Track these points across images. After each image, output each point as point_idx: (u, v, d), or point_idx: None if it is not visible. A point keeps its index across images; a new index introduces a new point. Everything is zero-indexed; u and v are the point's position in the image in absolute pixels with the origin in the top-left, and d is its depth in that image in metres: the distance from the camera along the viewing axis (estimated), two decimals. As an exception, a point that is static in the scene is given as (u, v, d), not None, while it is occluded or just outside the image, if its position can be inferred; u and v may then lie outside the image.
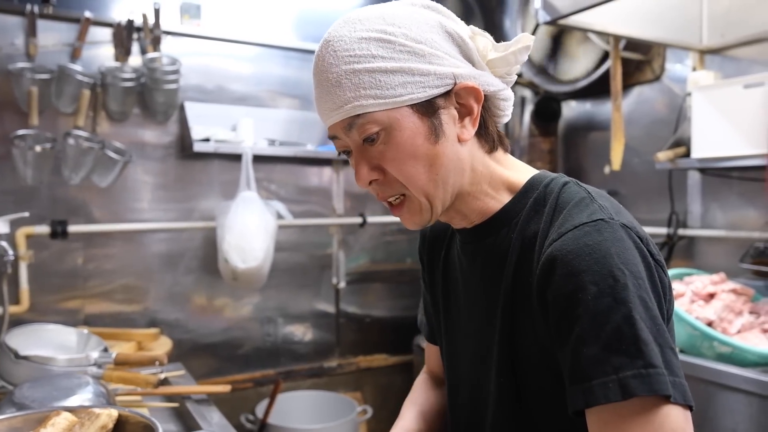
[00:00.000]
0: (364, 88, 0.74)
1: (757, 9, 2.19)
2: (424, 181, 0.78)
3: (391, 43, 0.75)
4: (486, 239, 0.85)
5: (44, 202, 2.27)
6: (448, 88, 0.77)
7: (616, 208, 0.77)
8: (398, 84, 0.74)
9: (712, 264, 2.32)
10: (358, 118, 0.76)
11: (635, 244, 0.71)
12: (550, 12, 1.92)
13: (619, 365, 0.64)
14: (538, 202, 0.81)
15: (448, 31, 0.78)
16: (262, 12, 2.69)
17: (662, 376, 0.63)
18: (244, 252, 2.35)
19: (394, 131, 0.76)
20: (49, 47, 2.24)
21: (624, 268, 0.67)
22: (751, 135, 1.96)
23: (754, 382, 1.61)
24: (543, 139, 3.00)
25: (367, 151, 0.78)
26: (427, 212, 0.81)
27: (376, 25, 0.76)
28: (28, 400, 1.13)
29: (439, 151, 0.77)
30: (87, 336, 1.63)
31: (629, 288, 0.66)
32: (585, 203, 0.76)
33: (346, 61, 0.75)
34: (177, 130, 2.51)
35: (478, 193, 0.83)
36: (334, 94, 0.76)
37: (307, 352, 2.85)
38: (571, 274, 0.69)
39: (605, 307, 0.66)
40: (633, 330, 0.65)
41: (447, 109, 0.78)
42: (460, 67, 0.78)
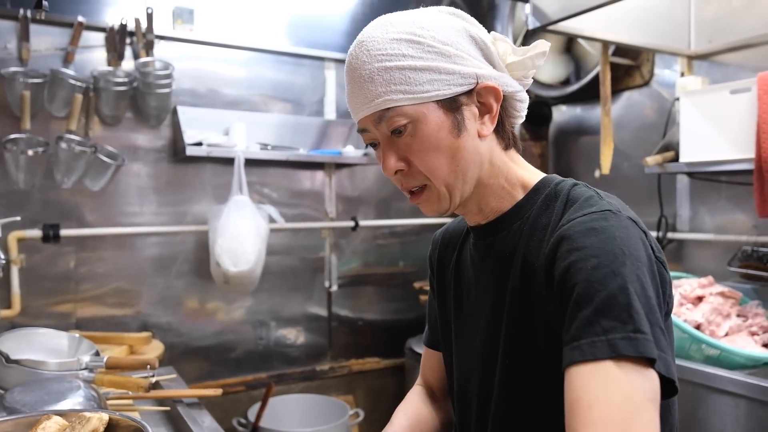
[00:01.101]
0: (395, 84, 0.80)
1: (744, 15, 2.22)
2: (445, 172, 0.84)
3: (420, 44, 0.81)
4: (499, 234, 0.90)
5: (36, 206, 2.27)
6: (470, 87, 0.83)
7: (623, 206, 0.82)
8: (426, 81, 0.81)
9: (701, 267, 2.35)
10: (387, 111, 0.82)
11: (639, 236, 0.75)
12: (540, 18, 1.94)
13: (609, 328, 0.67)
14: (550, 199, 0.87)
15: (472, 36, 0.85)
16: (255, 17, 2.70)
17: (650, 341, 0.66)
18: (236, 255, 2.36)
19: (420, 124, 0.82)
20: (42, 51, 2.25)
21: (626, 249, 0.72)
22: (739, 140, 1.98)
23: (741, 384, 1.63)
24: (534, 143, 3.02)
25: (394, 143, 0.84)
26: (445, 201, 0.87)
27: (406, 28, 0.83)
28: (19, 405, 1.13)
29: (461, 144, 0.83)
30: (78, 340, 1.62)
31: (627, 265, 0.70)
32: (594, 200, 0.81)
33: (379, 59, 0.81)
34: (169, 134, 2.51)
35: (495, 187, 0.89)
36: (366, 89, 0.82)
37: (299, 355, 2.85)
38: (575, 249, 0.74)
39: (602, 276, 0.70)
40: (626, 299, 0.68)
41: (469, 106, 0.84)
42: (482, 68, 0.84)
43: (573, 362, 0.68)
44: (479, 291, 0.94)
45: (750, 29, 2.20)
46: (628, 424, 0.63)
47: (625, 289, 0.68)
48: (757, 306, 1.98)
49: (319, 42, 2.84)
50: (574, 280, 0.72)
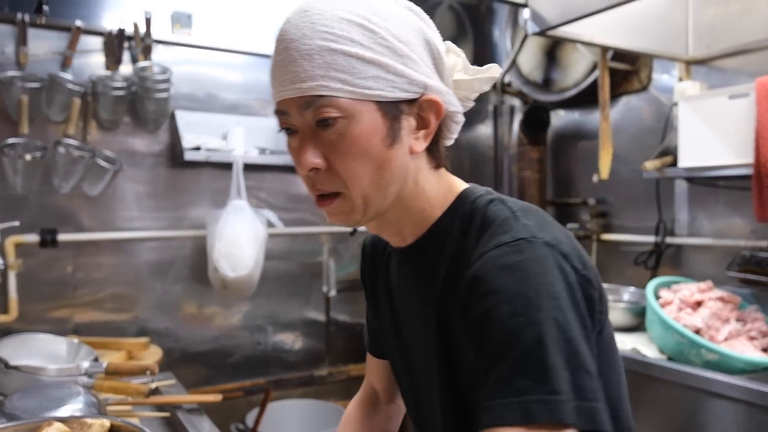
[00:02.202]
0: (336, 70, 0.70)
1: (742, 21, 2.23)
2: (366, 182, 0.74)
3: (373, 33, 0.71)
4: (418, 260, 0.84)
5: (34, 210, 2.26)
6: (415, 96, 0.75)
7: (541, 224, 0.73)
8: (371, 76, 0.71)
9: (699, 272, 2.35)
10: (319, 98, 0.71)
11: (557, 262, 0.68)
12: (539, 23, 1.94)
13: (523, 388, 0.61)
14: (465, 221, 0.79)
15: (428, 40, 0.77)
16: (253, 21, 2.70)
17: (565, 403, 0.60)
18: (234, 260, 2.35)
19: (353, 123, 0.72)
20: (40, 56, 2.24)
21: (541, 288, 0.65)
22: (737, 145, 1.99)
23: (741, 389, 1.63)
24: (532, 147, 3.02)
25: (317, 136, 0.73)
26: (358, 214, 0.77)
27: (359, 10, 0.72)
28: (19, 411, 1.13)
29: (391, 155, 0.75)
30: (77, 345, 1.62)
31: (543, 309, 0.64)
32: (509, 223, 0.73)
33: (323, 36, 0.70)
34: (167, 139, 2.51)
35: (415, 209, 0.81)
36: (299, 66, 0.70)
37: (297, 360, 2.85)
38: (487, 293, 0.67)
39: (516, 328, 0.64)
40: (542, 353, 0.62)
41: (408, 117, 0.75)
42: (432, 79, 0.76)
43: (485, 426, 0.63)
44: (409, 319, 0.89)
45: (748, 34, 2.21)
46: None
47: (541, 342, 0.62)
48: (756, 310, 1.98)
49: (317, 47, 2.83)
50: (489, 330, 0.66)
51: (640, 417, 1.92)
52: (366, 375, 1.15)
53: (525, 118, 3.06)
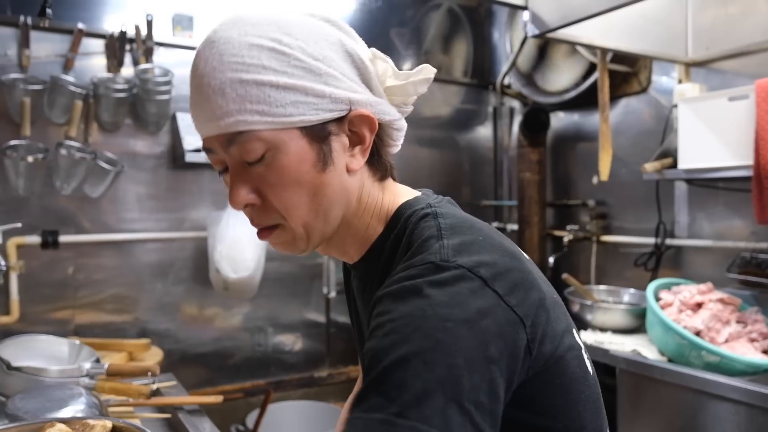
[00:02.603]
0: (251, 102, 0.66)
1: (741, 23, 2.24)
2: (304, 211, 0.72)
3: (285, 56, 0.67)
4: (363, 277, 0.82)
5: (35, 212, 2.27)
6: (342, 114, 0.71)
7: (468, 244, 0.67)
8: (289, 102, 0.67)
9: (700, 274, 2.36)
10: (240, 135, 0.68)
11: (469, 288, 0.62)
12: (539, 25, 1.95)
13: (374, 405, 0.56)
14: (398, 238, 0.75)
15: (348, 51, 0.72)
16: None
17: (410, 429, 0.53)
18: (236, 262, 2.36)
19: (279, 153, 0.68)
20: (42, 58, 2.25)
21: (429, 309, 0.59)
22: (737, 146, 1.99)
23: (741, 391, 1.63)
24: (532, 149, 3.03)
25: (246, 171, 0.71)
26: (302, 242, 0.75)
27: (269, 32, 0.68)
28: (21, 412, 1.13)
29: (325, 180, 0.71)
30: (79, 347, 1.62)
31: (423, 329, 0.58)
32: (430, 243, 0.68)
33: (233, 68, 0.66)
34: (169, 141, 2.51)
35: (360, 227, 0.78)
36: (214, 102, 0.67)
37: (297, 362, 2.85)
38: (379, 314, 0.63)
39: (389, 344, 0.59)
40: (403, 373, 0.56)
41: (338, 136, 0.72)
42: (358, 92, 0.72)
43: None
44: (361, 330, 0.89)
45: (747, 36, 2.21)
46: None
47: (405, 362, 0.56)
48: (757, 312, 1.99)
49: (318, 49, 2.84)
50: (366, 348, 0.62)
51: (640, 419, 1.92)
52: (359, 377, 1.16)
53: (525, 119, 3.06)
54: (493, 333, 0.60)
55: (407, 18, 3.14)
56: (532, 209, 3.03)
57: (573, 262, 2.97)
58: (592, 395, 0.73)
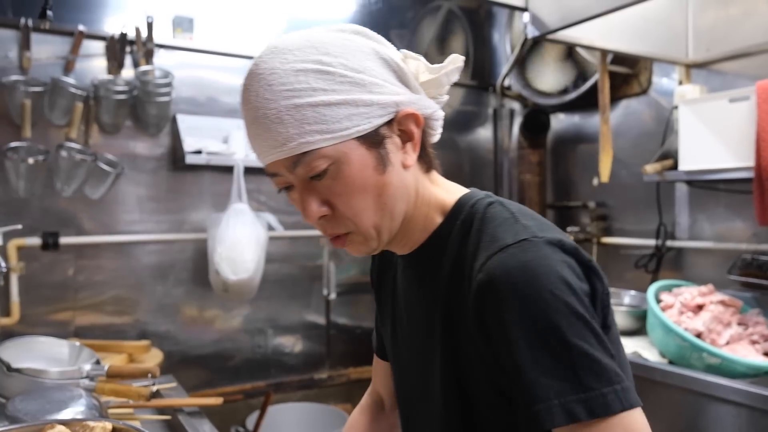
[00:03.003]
0: (309, 123, 0.71)
1: (741, 24, 2.24)
2: (372, 213, 0.77)
3: (330, 74, 0.72)
4: (422, 265, 0.86)
5: (36, 213, 2.27)
6: (391, 117, 0.76)
7: (540, 224, 0.76)
8: (343, 117, 0.71)
9: (701, 275, 2.35)
10: (305, 156, 0.72)
11: (562, 259, 0.70)
12: (539, 27, 1.95)
13: (560, 390, 0.64)
14: (465, 224, 0.81)
15: (383, 58, 0.77)
16: (254, 25, 2.71)
17: (601, 397, 0.64)
18: (235, 264, 2.36)
19: (342, 165, 0.73)
20: (43, 60, 2.25)
21: (553, 288, 0.67)
22: (737, 148, 1.99)
23: (743, 393, 1.63)
24: (532, 151, 3.03)
25: (314, 187, 0.75)
26: (374, 241, 0.80)
27: (309, 55, 0.72)
28: (21, 413, 1.13)
29: (387, 180, 0.76)
30: (79, 348, 1.62)
31: (560, 310, 0.66)
32: (509, 224, 0.75)
33: (285, 95, 0.71)
34: (169, 143, 2.51)
35: (419, 217, 0.83)
36: (274, 131, 0.71)
37: (297, 363, 2.85)
38: (502, 300, 0.68)
39: (539, 332, 0.66)
40: (569, 354, 0.65)
41: (391, 138, 0.77)
42: (400, 94, 0.77)
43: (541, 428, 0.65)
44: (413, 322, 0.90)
45: (748, 38, 2.21)
46: None
47: (565, 343, 0.65)
48: (758, 314, 1.98)
49: (318, 50, 2.84)
50: (509, 338, 0.68)
51: (641, 420, 1.92)
52: (372, 380, 1.16)
53: (525, 121, 3.06)
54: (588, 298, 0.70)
55: (407, 19, 3.14)
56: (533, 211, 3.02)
57: (573, 263, 2.96)
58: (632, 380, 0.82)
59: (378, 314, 1.07)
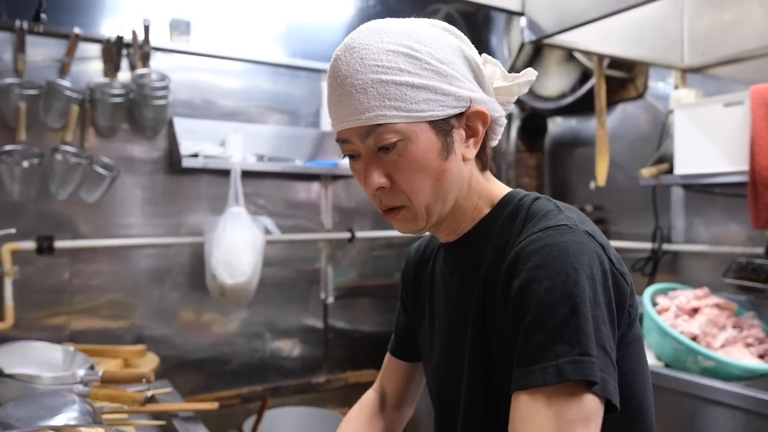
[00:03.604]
0: (390, 99, 0.77)
1: (736, 29, 2.25)
2: (428, 193, 0.82)
3: (418, 60, 0.78)
4: (464, 252, 0.91)
5: (30, 217, 2.26)
6: (462, 110, 0.82)
7: (582, 219, 0.81)
8: (422, 100, 0.78)
9: (696, 278, 2.36)
10: (378, 127, 0.78)
11: (595, 250, 0.75)
12: (536, 31, 1.95)
13: (560, 352, 0.69)
14: (512, 215, 0.86)
15: (467, 56, 0.83)
16: (251, 29, 2.71)
17: (594, 364, 0.68)
18: (232, 267, 2.35)
19: (410, 143, 0.79)
20: (38, 63, 2.24)
21: (579, 267, 0.71)
22: (732, 152, 2.00)
23: (738, 396, 1.63)
24: (530, 154, 3.03)
25: (379, 159, 0.81)
26: (422, 221, 0.85)
27: (402, 40, 0.79)
28: (13, 420, 1.12)
29: (447, 167, 0.82)
30: (73, 353, 1.61)
31: (580, 285, 0.70)
32: (553, 214, 0.80)
33: (374, 70, 0.77)
34: (165, 146, 2.51)
35: (468, 209, 0.89)
36: (357, 99, 0.78)
37: (294, 367, 2.84)
38: (529, 269, 0.73)
39: (555, 299, 0.70)
40: (577, 322, 0.69)
41: (458, 129, 0.83)
42: (475, 92, 0.83)
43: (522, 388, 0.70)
44: (448, 306, 0.94)
45: (742, 43, 2.22)
46: None
47: (576, 311, 0.69)
48: (753, 317, 1.99)
49: (315, 53, 2.85)
50: (528, 302, 0.72)
51: (637, 424, 1.92)
52: (379, 378, 1.17)
53: (523, 125, 3.07)
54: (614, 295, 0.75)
55: (404, 23, 3.14)
56: (529, 214, 3.03)
57: (570, 267, 2.97)
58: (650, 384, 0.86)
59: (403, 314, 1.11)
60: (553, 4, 1.89)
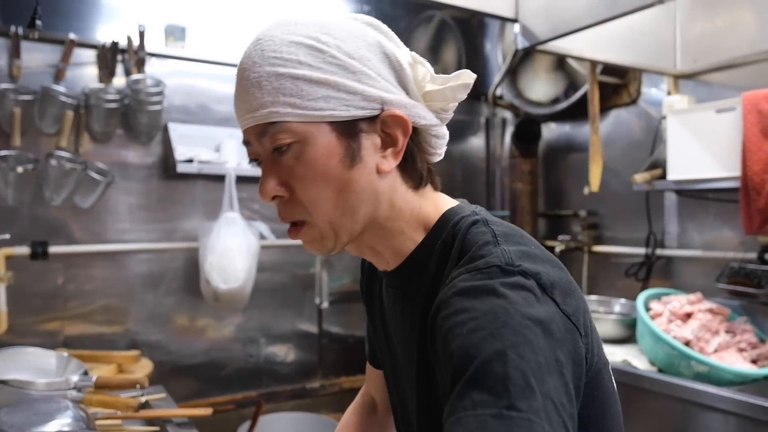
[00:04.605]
0: (284, 94, 0.69)
1: (728, 36, 2.27)
2: (330, 207, 0.72)
3: (321, 52, 0.69)
4: (402, 286, 0.81)
5: (25, 222, 2.25)
6: (374, 113, 0.72)
7: (523, 252, 0.68)
8: (320, 97, 0.69)
9: (689, 283, 2.37)
10: (272, 126, 0.70)
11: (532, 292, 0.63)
12: (529, 38, 1.97)
13: (480, 401, 0.55)
14: (446, 245, 0.76)
15: (386, 53, 0.73)
16: (246, 34, 2.71)
17: (524, 421, 0.53)
18: (226, 273, 2.35)
19: (307, 146, 0.70)
20: (33, 68, 2.24)
21: (509, 307, 0.60)
22: (724, 158, 2.01)
23: (731, 401, 1.64)
24: (524, 160, 3.04)
25: (276, 163, 0.72)
26: (329, 240, 0.75)
27: (310, 31, 0.71)
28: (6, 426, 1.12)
29: (353, 177, 0.72)
30: (67, 359, 1.60)
31: (510, 325, 0.58)
32: (488, 248, 0.69)
33: (271, 62, 0.69)
34: (160, 151, 2.51)
35: (394, 231, 0.78)
36: (252, 95, 0.70)
37: (289, 373, 2.84)
38: (452, 314, 0.63)
39: (478, 340, 0.58)
40: (503, 367, 0.56)
41: (369, 135, 0.72)
42: (392, 93, 0.73)
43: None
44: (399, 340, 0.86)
45: (734, 49, 2.24)
46: None
47: (503, 355, 0.56)
48: (745, 322, 2.00)
49: (310, 60, 2.85)
50: (451, 347, 0.60)
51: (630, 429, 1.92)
52: (365, 383, 1.15)
53: (516, 130, 3.08)
54: (560, 339, 0.61)
55: (399, 29, 3.14)
56: (524, 219, 3.04)
57: (564, 272, 2.98)
58: (618, 411, 0.75)
59: (369, 324, 1.04)
60: (546, 10, 1.90)
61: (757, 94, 1.92)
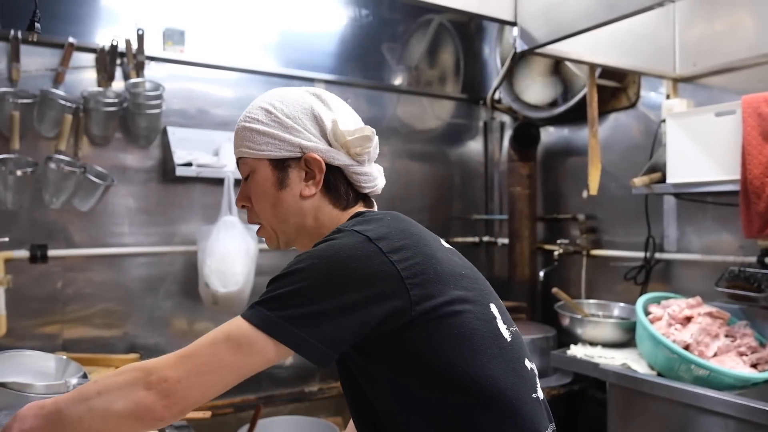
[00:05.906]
0: (245, 140, 1.03)
1: (727, 39, 2.27)
2: (269, 216, 1.05)
3: (270, 114, 1.02)
4: None
5: (24, 226, 2.25)
6: (298, 155, 1.01)
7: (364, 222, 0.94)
8: (264, 143, 1.02)
9: (688, 287, 2.36)
10: (240, 160, 1.06)
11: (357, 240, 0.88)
12: (528, 41, 1.97)
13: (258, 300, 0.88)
14: None
15: (315, 115, 1.02)
16: (245, 38, 2.72)
17: (256, 311, 0.86)
18: (225, 276, 2.35)
19: (255, 174, 1.04)
20: (32, 72, 2.24)
21: (326, 248, 0.88)
22: (724, 161, 2.01)
23: (730, 404, 1.64)
24: (522, 163, 3.04)
25: (245, 184, 1.07)
26: (273, 240, 1.08)
27: (272, 100, 1.04)
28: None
29: (281, 197, 1.03)
30: (66, 362, 1.60)
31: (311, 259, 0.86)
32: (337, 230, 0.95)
33: (245, 118, 1.04)
34: (159, 155, 2.51)
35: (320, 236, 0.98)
36: (234, 139, 1.06)
37: (287, 376, 2.83)
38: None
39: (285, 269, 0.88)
40: (277, 280, 0.87)
41: (297, 170, 1.02)
42: (312, 142, 1.01)
43: None
44: None
45: (733, 53, 2.24)
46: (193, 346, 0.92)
47: (286, 275, 0.86)
48: (745, 326, 1.99)
49: (308, 63, 2.86)
50: None
51: (630, 433, 1.92)
52: None
53: (515, 134, 3.08)
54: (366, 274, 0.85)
55: (398, 33, 3.16)
56: (523, 223, 3.04)
57: (563, 276, 2.98)
58: (505, 356, 0.92)
59: None
60: (545, 13, 1.90)
61: (756, 98, 1.92)
